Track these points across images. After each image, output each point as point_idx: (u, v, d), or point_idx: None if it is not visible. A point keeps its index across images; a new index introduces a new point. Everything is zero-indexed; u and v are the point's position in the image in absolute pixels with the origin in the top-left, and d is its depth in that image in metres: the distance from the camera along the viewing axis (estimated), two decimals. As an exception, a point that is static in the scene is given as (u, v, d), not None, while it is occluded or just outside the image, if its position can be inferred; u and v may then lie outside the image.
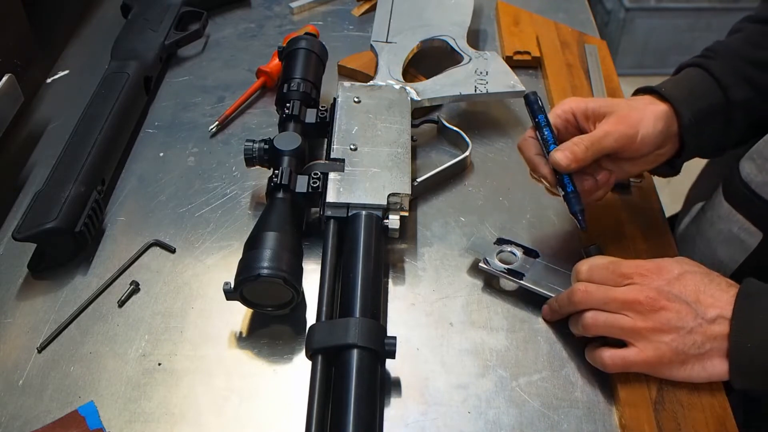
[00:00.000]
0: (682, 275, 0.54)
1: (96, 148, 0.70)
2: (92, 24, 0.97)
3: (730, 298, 0.53)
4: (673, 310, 0.53)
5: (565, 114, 0.63)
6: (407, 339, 0.60)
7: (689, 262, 0.56)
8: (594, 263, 0.58)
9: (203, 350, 0.59)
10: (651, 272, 0.54)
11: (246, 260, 0.58)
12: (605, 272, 0.56)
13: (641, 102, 0.63)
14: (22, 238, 0.62)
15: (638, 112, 0.61)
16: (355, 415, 0.49)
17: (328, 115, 0.72)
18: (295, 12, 0.98)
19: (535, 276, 0.62)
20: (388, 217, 0.63)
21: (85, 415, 0.54)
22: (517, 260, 0.63)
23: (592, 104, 0.62)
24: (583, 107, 0.62)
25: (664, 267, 0.55)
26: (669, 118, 0.62)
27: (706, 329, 0.52)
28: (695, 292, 0.53)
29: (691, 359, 0.53)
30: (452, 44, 0.82)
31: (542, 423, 0.54)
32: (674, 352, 0.53)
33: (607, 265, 0.57)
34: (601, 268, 0.57)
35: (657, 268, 0.55)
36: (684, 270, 0.55)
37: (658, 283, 0.54)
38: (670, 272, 0.54)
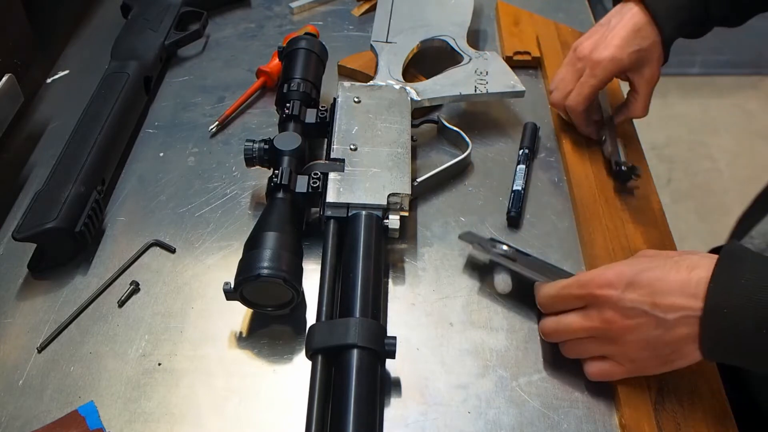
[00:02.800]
0: (633, 281, 0.51)
1: (96, 148, 0.70)
2: (92, 24, 0.97)
3: (694, 280, 0.50)
4: (633, 327, 0.51)
5: (608, 80, 0.71)
6: (407, 339, 0.60)
7: (644, 256, 0.54)
8: (546, 293, 0.57)
9: (203, 350, 0.59)
10: (602, 287, 0.52)
11: (246, 260, 0.58)
12: (560, 301, 0.56)
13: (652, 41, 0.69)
14: (22, 238, 0.62)
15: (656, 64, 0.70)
16: (355, 415, 0.49)
17: (328, 115, 0.72)
18: (295, 12, 0.98)
19: (527, 263, 0.61)
20: (388, 217, 0.63)
21: (85, 415, 0.54)
22: (510, 251, 0.62)
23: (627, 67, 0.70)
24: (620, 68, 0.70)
25: (612, 278, 0.52)
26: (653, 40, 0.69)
27: (673, 333, 0.50)
28: (651, 294, 0.50)
29: (670, 357, 0.52)
30: (452, 44, 0.82)
31: (542, 423, 0.54)
32: (650, 359, 0.52)
33: (559, 291, 0.56)
34: (555, 298, 0.56)
35: (607, 282, 0.52)
36: (636, 271, 0.52)
37: (610, 299, 0.52)
38: (620, 281, 0.52)
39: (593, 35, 0.71)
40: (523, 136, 0.76)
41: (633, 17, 0.69)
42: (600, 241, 0.66)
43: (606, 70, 0.69)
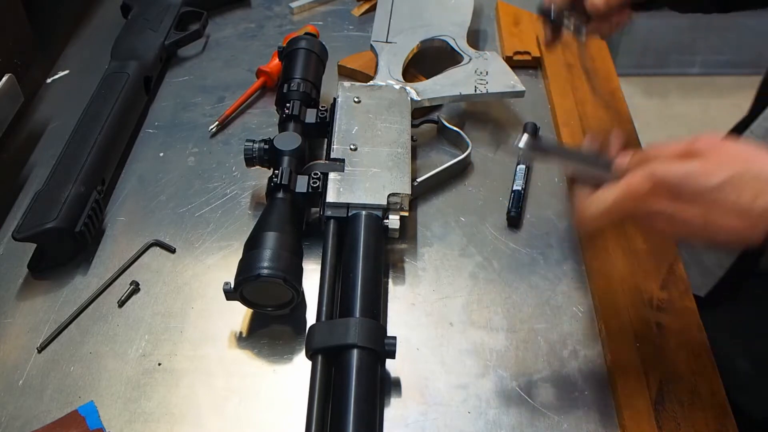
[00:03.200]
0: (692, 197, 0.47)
1: (96, 148, 0.70)
2: (92, 24, 0.97)
3: (756, 210, 0.46)
4: (682, 233, 0.49)
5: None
6: (407, 339, 0.60)
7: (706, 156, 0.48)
8: (593, 212, 0.50)
9: (203, 350, 0.59)
10: (657, 200, 0.48)
11: (246, 260, 0.58)
12: (609, 217, 0.50)
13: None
14: (22, 238, 0.62)
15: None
16: (355, 415, 0.49)
17: (328, 115, 0.72)
18: (295, 12, 0.98)
19: (568, 157, 0.56)
20: (388, 217, 0.63)
21: (85, 415, 0.54)
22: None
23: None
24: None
25: (668, 190, 0.48)
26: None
27: (722, 245, 0.48)
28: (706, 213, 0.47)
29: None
30: (452, 44, 0.82)
31: (542, 423, 0.54)
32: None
33: (609, 208, 0.50)
34: (603, 215, 0.50)
35: (661, 194, 0.48)
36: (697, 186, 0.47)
37: (664, 212, 0.48)
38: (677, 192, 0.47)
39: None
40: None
41: None
42: (600, 241, 0.66)
43: None
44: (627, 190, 0.49)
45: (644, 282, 0.63)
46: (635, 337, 0.59)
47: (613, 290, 0.62)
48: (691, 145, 0.48)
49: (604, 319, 0.60)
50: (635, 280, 0.63)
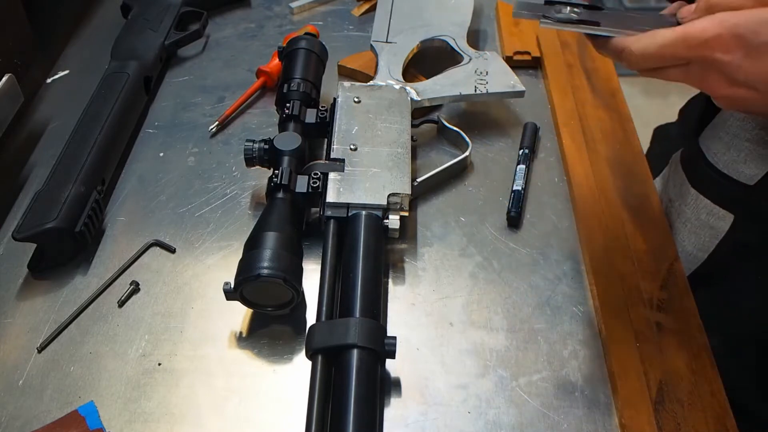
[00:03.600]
0: (757, 47, 0.42)
1: (96, 148, 0.70)
2: (92, 24, 0.97)
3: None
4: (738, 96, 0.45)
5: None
6: (407, 339, 0.60)
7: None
8: (642, 51, 0.46)
9: (203, 350, 0.59)
10: (719, 50, 0.43)
11: (246, 260, 0.58)
12: (659, 61, 0.46)
13: None
14: (22, 238, 0.62)
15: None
16: (355, 415, 0.49)
17: (328, 115, 0.72)
18: (295, 12, 0.98)
19: (614, 22, 0.49)
20: (388, 217, 0.63)
21: (85, 415, 0.54)
22: (581, 14, 0.51)
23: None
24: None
25: (732, 39, 0.43)
26: None
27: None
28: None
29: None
30: (452, 44, 0.82)
31: (542, 423, 0.54)
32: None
33: (659, 50, 0.45)
34: (654, 57, 0.46)
35: (724, 44, 0.43)
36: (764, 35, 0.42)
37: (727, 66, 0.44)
38: (740, 43, 0.43)
39: None
40: (523, 136, 0.76)
41: None
42: (600, 241, 0.66)
43: None
44: (688, 32, 0.44)
45: (644, 282, 0.63)
46: (635, 337, 0.59)
47: (613, 290, 0.62)
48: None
49: (604, 319, 0.60)
50: (635, 280, 0.63)
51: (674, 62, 0.45)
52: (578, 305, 0.62)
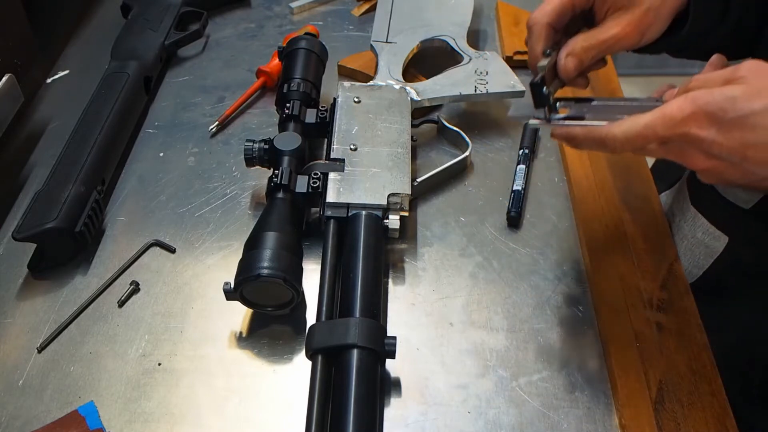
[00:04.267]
0: (730, 124, 0.45)
1: (96, 148, 0.70)
2: (92, 24, 0.97)
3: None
4: (716, 169, 0.47)
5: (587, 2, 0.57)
6: (407, 339, 0.60)
7: (746, 83, 0.46)
8: (623, 135, 0.49)
9: (203, 350, 0.59)
10: (695, 126, 0.46)
11: (246, 260, 0.58)
12: (640, 142, 0.49)
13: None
14: (22, 238, 0.62)
15: (654, 12, 0.56)
16: (355, 415, 0.49)
17: (328, 115, 0.72)
18: (295, 12, 0.98)
19: (598, 115, 0.54)
20: (388, 217, 0.63)
21: (85, 415, 0.54)
22: (571, 107, 0.56)
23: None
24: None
25: (707, 117, 0.45)
26: (678, 3, 0.56)
27: (757, 184, 0.47)
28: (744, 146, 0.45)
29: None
30: (452, 44, 0.82)
31: (542, 423, 0.54)
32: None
33: (640, 132, 0.48)
34: (634, 139, 0.48)
35: (699, 121, 0.46)
36: (735, 113, 0.45)
37: (702, 142, 0.46)
38: (714, 120, 0.45)
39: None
40: (523, 136, 0.76)
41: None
42: (600, 241, 0.66)
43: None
44: (663, 113, 0.47)
45: (644, 282, 0.63)
46: (635, 337, 0.59)
47: (613, 290, 0.62)
48: (735, 72, 0.46)
49: (604, 319, 0.60)
50: (635, 280, 0.63)
51: (655, 141, 0.48)
52: (578, 305, 0.62)
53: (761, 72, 0.45)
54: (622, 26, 0.56)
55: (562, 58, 0.57)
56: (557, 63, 0.57)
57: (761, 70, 0.46)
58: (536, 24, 0.57)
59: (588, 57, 0.57)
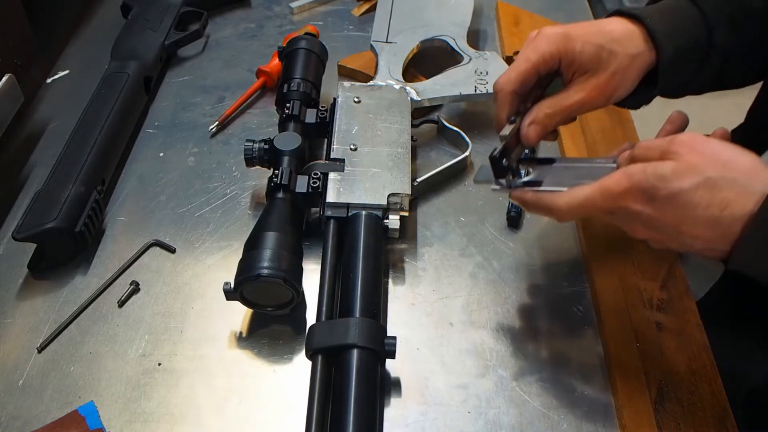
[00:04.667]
0: (665, 201, 0.47)
1: (96, 148, 0.70)
2: (92, 24, 0.97)
3: (726, 220, 0.46)
4: (656, 239, 0.50)
5: (552, 60, 0.56)
6: (407, 339, 0.60)
7: (681, 160, 0.47)
8: (567, 205, 0.51)
9: (203, 350, 0.59)
10: (632, 201, 0.48)
11: (246, 260, 0.58)
12: (582, 213, 0.51)
13: (627, 52, 0.56)
14: (22, 238, 0.62)
15: (620, 75, 0.56)
16: (355, 415, 0.49)
17: (328, 115, 0.72)
18: (295, 12, 0.98)
19: (555, 179, 0.57)
20: (388, 217, 0.63)
21: (85, 415, 0.54)
22: (534, 169, 0.58)
23: (581, 57, 0.56)
24: (571, 59, 0.56)
25: (642, 194, 0.48)
26: (648, 62, 0.57)
27: (695, 252, 0.49)
28: (679, 221, 0.47)
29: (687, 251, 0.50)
30: (452, 44, 0.82)
31: (542, 423, 0.54)
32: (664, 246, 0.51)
33: (582, 203, 0.51)
34: (577, 210, 0.51)
35: (636, 197, 0.48)
36: (669, 190, 0.46)
37: (639, 215, 0.48)
38: (651, 196, 0.47)
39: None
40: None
41: (622, 23, 0.58)
42: (600, 241, 0.66)
43: (550, 43, 0.56)
44: (602, 187, 0.49)
45: (644, 282, 0.63)
46: (635, 337, 0.59)
47: (613, 290, 0.62)
48: (670, 146, 0.48)
49: (604, 319, 0.60)
50: (635, 280, 0.63)
51: (598, 212, 0.51)
52: (578, 305, 0.62)
53: (694, 148, 0.47)
54: (587, 91, 0.56)
55: (525, 126, 0.57)
56: (520, 130, 0.58)
57: (695, 145, 0.47)
58: (501, 91, 0.57)
59: (552, 123, 0.57)
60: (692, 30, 0.58)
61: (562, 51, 0.56)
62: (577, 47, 0.56)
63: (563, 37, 0.56)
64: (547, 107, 0.57)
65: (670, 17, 0.58)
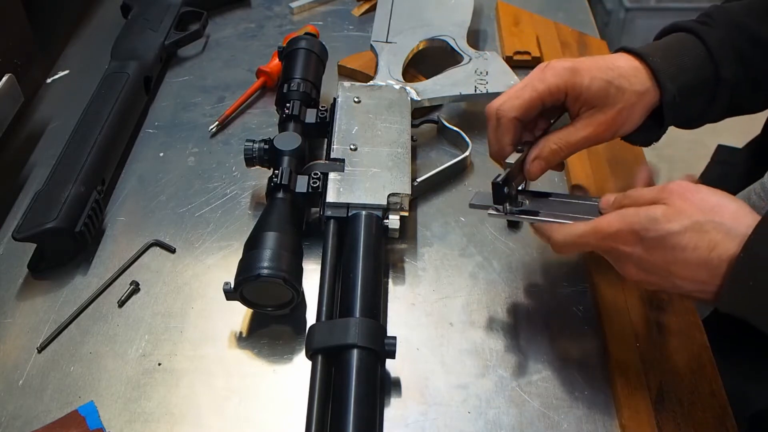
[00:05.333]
0: (656, 243, 0.48)
1: (96, 148, 0.70)
2: (92, 24, 0.97)
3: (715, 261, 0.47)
4: (648, 280, 0.51)
5: (559, 93, 0.57)
6: (407, 339, 0.60)
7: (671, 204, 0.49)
8: (562, 239, 0.53)
9: (203, 350, 0.59)
10: (624, 243, 0.50)
11: (246, 260, 0.58)
12: (577, 248, 0.53)
13: (634, 89, 0.57)
14: (22, 238, 0.62)
15: (628, 111, 0.57)
16: (355, 415, 0.49)
17: (328, 115, 0.72)
18: (295, 12, 0.98)
19: (551, 210, 0.57)
20: (388, 217, 0.63)
21: (85, 415, 0.54)
22: (530, 200, 0.59)
23: (588, 92, 0.56)
24: (578, 92, 0.57)
25: (634, 236, 0.49)
26: (653, 100, 0.58)
27: (686, 294, 0.50)
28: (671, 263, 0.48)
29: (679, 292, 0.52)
30: (452, 44, 0.82)
31: (542, 423, 0.54)
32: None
33: (576, 240, 0.52)
34: (572, 246, 0.53)
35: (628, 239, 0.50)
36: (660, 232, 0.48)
37: (631, 256, 0.50)
38: (642, 239, 0.49)
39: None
40: None
41: (628, 60, 0.58)
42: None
43: (557, 76, 0.56)
44: (595, 226, 0.51)
45: (644, 282, 0.63)
46: (635, 337, 0.59)
47: (613, 290, 0.62)
48: (661, 193, 0.50)
49: (604, 319, 0.60)
50: (635, 280, 0.63)
51: (591, 249, 0.52)
52: (578, 305, 0.62)
53: (684, 194, 0.49)
54: (593, 126, 0.57)
55: (529, 161, 0.58)
56: (524, 162, 0.58)
57: (684, 192, 0.49)
58: (503, 117, 0.57)
59: (556, 159, 0.58)
60: (698, 67, 0.59)
61: (569, 85, 0.57)
62: (585, 81, 0.56)
63: (571, 71, 0.57)
64: (553, 143, 0.58)
65: (675, 55, 0.59)
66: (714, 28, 0.60)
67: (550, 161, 0.58)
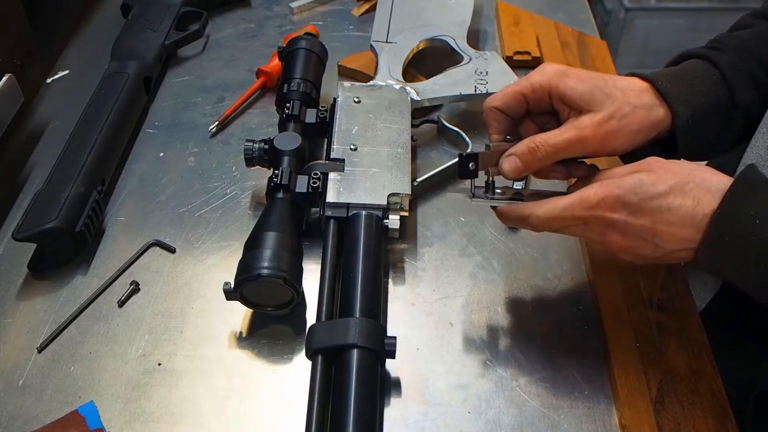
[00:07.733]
0: (640, 207, 0.50)
1: (96, 148, 0.70)
2: (92, 24, 0.97)
3: (699, 214, 0.49)
4: (631, 247, 0.52)
5: (542, 91, 0.56)
6: (407, 339, 0.60)
7: (651, 171, 0.51)
8: (545, 215, 0.53)
9: (203, 350, 0.59)
10: (610, 210, 0.50)
11: (246, 260, 0.58)
12: (560, 223, 0.53)
13: (629, 101, 0.55)
14: (22, 238, 0.62)
15: (617, 122, 0.54)
16: (355, 415, 0.49)
17: (328, 115, 0.72)
18: (295, 12, 0.98)
19: (532, 199, 0.56)
20: (388, 217, 0.63)
21: (85, 415, 0.54)
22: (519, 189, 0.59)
23: (572, 92, 0.55)
24: (562, 92, 0.55)
25: (619, 202, 0.50)
26: (661, 121, 0.56)
27: (668, 257, 0.52)
28: (654, 222, 0.50)
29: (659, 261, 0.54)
30: (452, 44, 0.82)
31: (542, 423, 0.54)
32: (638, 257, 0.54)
33: (560, 213, 0.52)
34: (555, 220, 0.53)
35: (613, 205, 0.50)
36: (643, 195, 0.49)
37: (616, 223, 0.51)
38: (627, 204, 0.50)
39: None
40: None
41: (633, 81, 0.57)
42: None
43: (543, 75, 0.56)
44: (581, 196, 0.52)
45: (644, 282, 0.63)
46: (635, 337, 0.59)
47: (613, 290, 0.62)
48: (639, 164, 0.52)
49: (604, 319, 0.60)
50: (635, 280, 0.63)
51: (574, 222, 0.53)
52: (578, 305, 0.62)
53: (662, 163, 0.51)
54: (577, 130, 0.54)
55: (503, 156, 0.57)
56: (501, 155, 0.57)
57: (662, 162, 0.52)
58: (486, 107, 0.59)
59: (534, 160, 0.55)
60: (712, 91, 0.58)
61: (554, 84, 0.56)
62: (570, 83, 0.56)
63: (559, 73, 0.56)
64: (531, 141, 0.55)
65: (687, 80, 0.58)
66: (725, 52, 0.60)
67: (526, 162, 0.55)
